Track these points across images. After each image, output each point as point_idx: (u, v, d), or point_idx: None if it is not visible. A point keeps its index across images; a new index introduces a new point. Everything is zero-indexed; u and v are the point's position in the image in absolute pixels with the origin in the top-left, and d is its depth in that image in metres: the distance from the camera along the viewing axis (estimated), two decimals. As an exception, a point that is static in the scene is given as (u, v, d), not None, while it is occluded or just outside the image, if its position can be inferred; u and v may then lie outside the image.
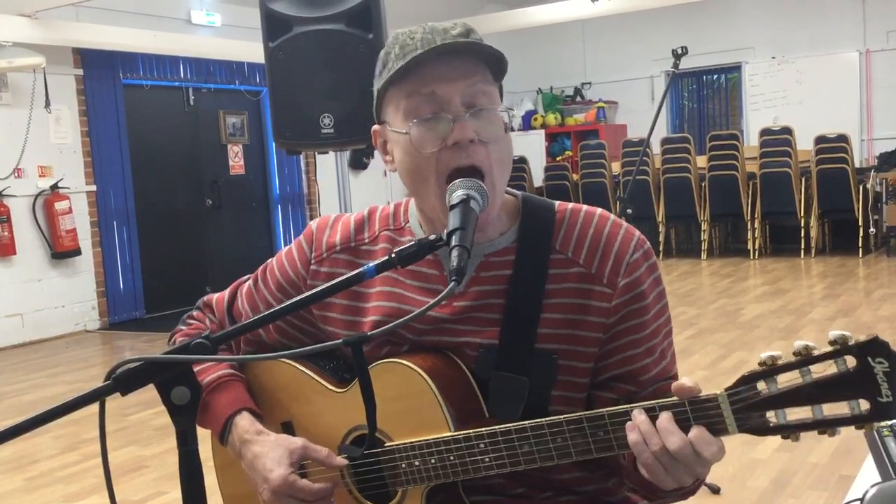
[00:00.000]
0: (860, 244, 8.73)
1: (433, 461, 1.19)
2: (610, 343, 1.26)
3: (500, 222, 1.30)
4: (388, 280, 1.32)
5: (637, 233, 1.30)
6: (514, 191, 1.35)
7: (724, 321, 6.23)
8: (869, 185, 8.69)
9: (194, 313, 1.52)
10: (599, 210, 1.32)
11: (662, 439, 1.05)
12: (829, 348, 0.98)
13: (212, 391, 1.36)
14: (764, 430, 1.02)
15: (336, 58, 3.40)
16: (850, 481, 1.56)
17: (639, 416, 1.07)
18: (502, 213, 1.31)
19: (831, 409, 0.99)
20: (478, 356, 1.26)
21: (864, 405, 0.97)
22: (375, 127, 1.32)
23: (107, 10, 7.40)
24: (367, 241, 1.37)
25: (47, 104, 7.08)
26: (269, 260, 1.47)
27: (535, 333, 1.24)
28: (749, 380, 1.03)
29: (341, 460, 1.27)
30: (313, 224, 1.43)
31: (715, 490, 3.14)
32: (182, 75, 8.40)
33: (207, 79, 8.62)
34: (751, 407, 1.02)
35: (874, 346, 0.96)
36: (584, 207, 1.32)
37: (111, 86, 7.75)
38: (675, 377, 1.28)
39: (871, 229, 8.82)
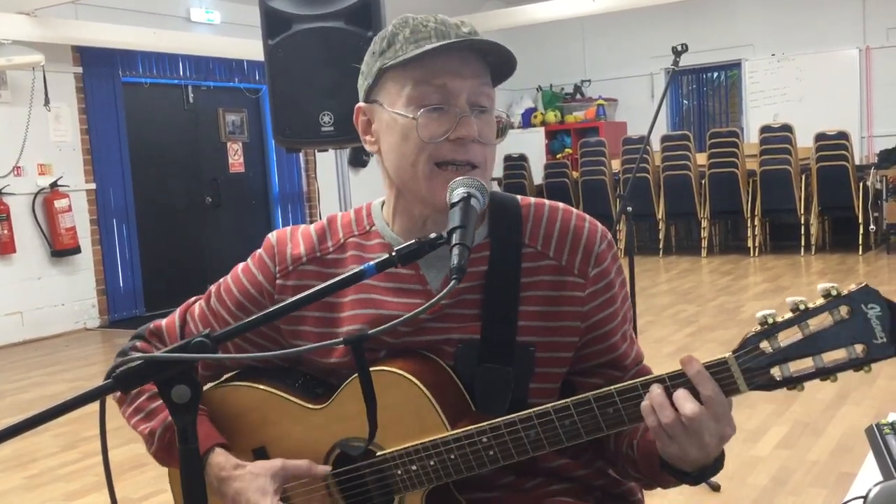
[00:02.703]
0: (860, 241, 8.72)
1: (432, 463, 1.19)
2: (590, 332, 1.29)
3: None
4: (361, 287, 1.29)
5: (599, 224, 1.33)
6: None
7: (724, 318, 6.23)
8: (869, 183, 8.70)
9: (138, 344, 1.42)
10: (562, 204, 1.35)
11: (679, 407, 1.08)
12: (822, 301, 1.05)
13: None
14: (771, 385, 1.09)
15: (336, 55, 3.40)
16: (851, 479, 1.56)
17: (655, 389, 1.11)
18: None
19: (829, 358, 1.07)
20: (457, 352, 1.25)
21: (860, 349, 1.05)
22: (361, 104, 1.30)
23: (106, 8, 7.40)
24: (332, 249, 1.35)
25: (47, 102, 7.07)
26: (221, 279, 1.43)
27: (516, 327, 1.26)
28: (753, 340, 1.09)
29: (324, 468, 1.26)
30: (272, 237, 1.40)
31: (715, 487, 3.14)
32: (181, 73, 8.39)
33: (207, 76, 8.61)
34: (757, 365, 1.09)
35: (866, 294, 1.04)
36: (547, 202, 1.34)
37: (110, 84, 7.75)
38: (642, 360, 1.35)
39: (871, 226, 8.82)
